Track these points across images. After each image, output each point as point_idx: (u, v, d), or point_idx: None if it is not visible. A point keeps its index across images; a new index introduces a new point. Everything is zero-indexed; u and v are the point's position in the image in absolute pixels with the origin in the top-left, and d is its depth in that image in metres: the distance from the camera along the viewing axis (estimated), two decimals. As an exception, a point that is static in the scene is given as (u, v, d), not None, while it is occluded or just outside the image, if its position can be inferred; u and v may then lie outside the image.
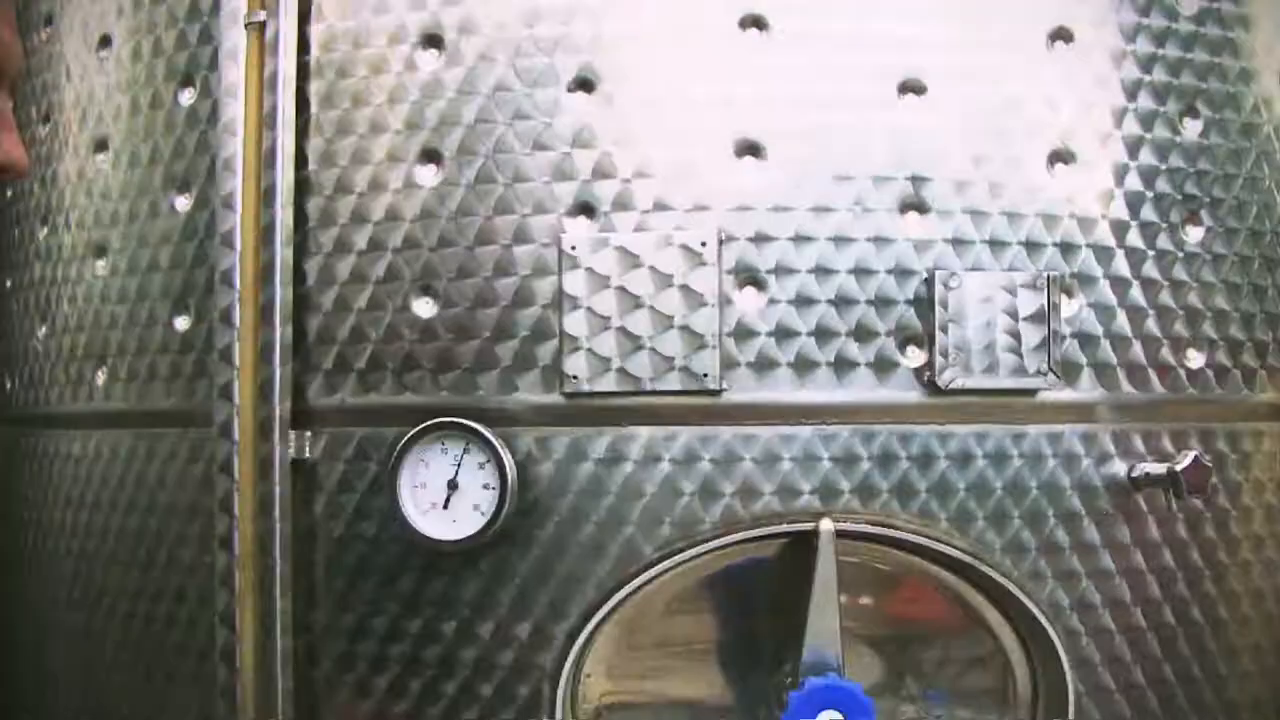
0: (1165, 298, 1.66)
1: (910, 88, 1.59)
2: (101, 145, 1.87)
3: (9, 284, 2.10)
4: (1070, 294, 1.62)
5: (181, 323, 1.76)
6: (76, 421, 1.90)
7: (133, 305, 1.81)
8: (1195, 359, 1.68)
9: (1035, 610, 1.58)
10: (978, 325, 1.57)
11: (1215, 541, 1.68)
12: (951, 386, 1.56)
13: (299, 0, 1.67)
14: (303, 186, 1.67)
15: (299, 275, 1.66)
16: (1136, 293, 1.64)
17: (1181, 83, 1.69)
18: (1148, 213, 1.66)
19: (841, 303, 1.56)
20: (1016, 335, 1.58)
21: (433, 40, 1.63)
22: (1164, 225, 1.66)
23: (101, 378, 1.85)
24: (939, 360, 1.56)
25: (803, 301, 1.56)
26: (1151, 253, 1.65)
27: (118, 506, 1.82)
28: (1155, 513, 1.64)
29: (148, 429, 1.79)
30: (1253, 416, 1.71)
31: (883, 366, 1.57)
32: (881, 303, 1.57)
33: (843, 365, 1.56)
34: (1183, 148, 1.68)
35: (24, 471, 2.03)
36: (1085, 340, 1.61)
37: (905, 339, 1.57)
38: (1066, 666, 1.59)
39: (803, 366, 1.55)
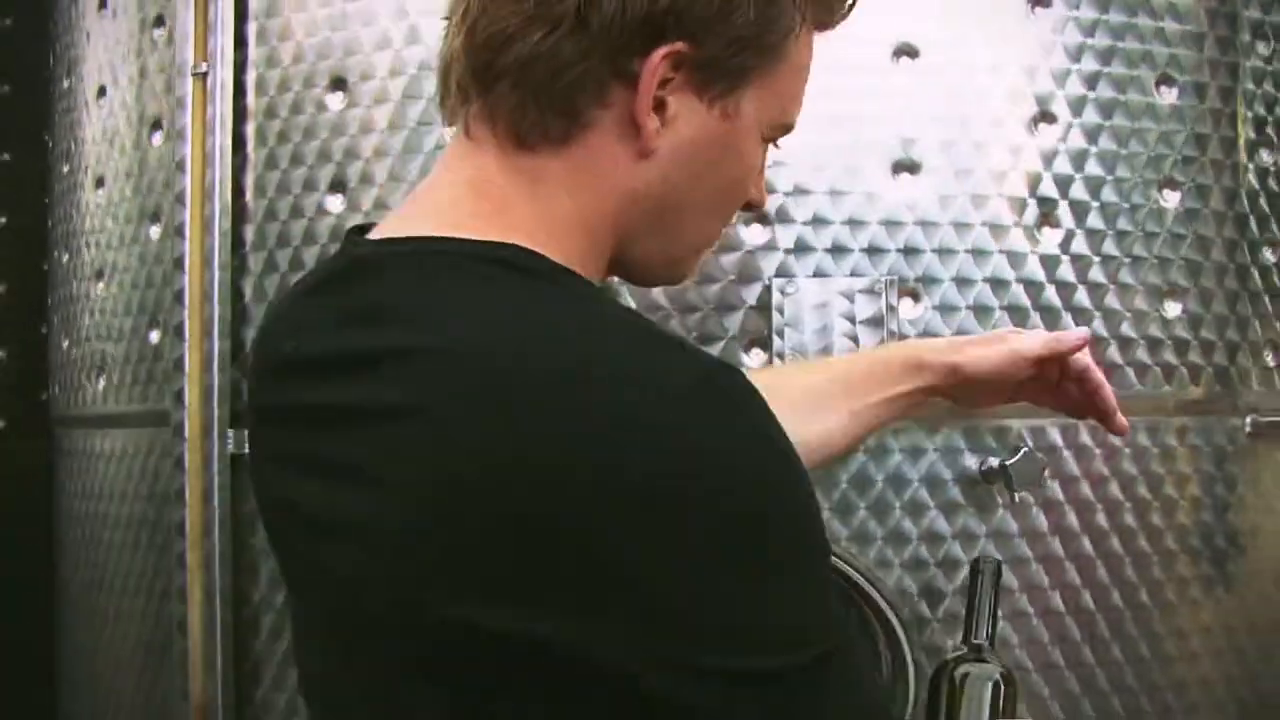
0: (1019, 296, 1.73)
1: (754, 108, 1.70)
2: (100, 181, 2.16)
3: (50, 301, 2.42)
4: (915, 297, 1.70)
5: (154, 336, 2.02)
6: (86, 422, 2.20)
7: (122, 320, 2.09)
8: (1051, 356, 1.74)
9: (878, 596, 1.68)
10: (814, 329, 1.68)
11: (1076, 532, 1.74)
12: (789, 386, 1.67)
13: (234, 52, 1.90)
14: (240, 215, 1.90)
15: (237, 293, 1.89)
16: (985, 293, 1.72)
17: (1038, 89, 1.75)
18: (1001, 215, 1.72)
19: (686, 310, 1.69)
20: (854, 338, 1.68)
21: (338, 84, 1.84)
22: (1014, 225, 1.73)
23: (102, 384, 2.14)
24: (776, 363, 1.67)
25: (649, 308, 1.69)
26: (1002, 253, 1.72)
27: (114, 496, 2.11)
28: (1008, 505, 1.71)
29: (133, 429, 2.06)
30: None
31: (727, 368, 1.69)
32: (725, 308, 1.69)
33: (689, 367, 1.69)
34: (1042, 153, 1.74)
35: (61, 468, 2.34)
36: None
37: (750, 342, 1.69)
38: (907, 651, 1.67)
39: (652, 369, 1.69)
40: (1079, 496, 1.75)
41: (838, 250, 1.70)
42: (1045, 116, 1.75)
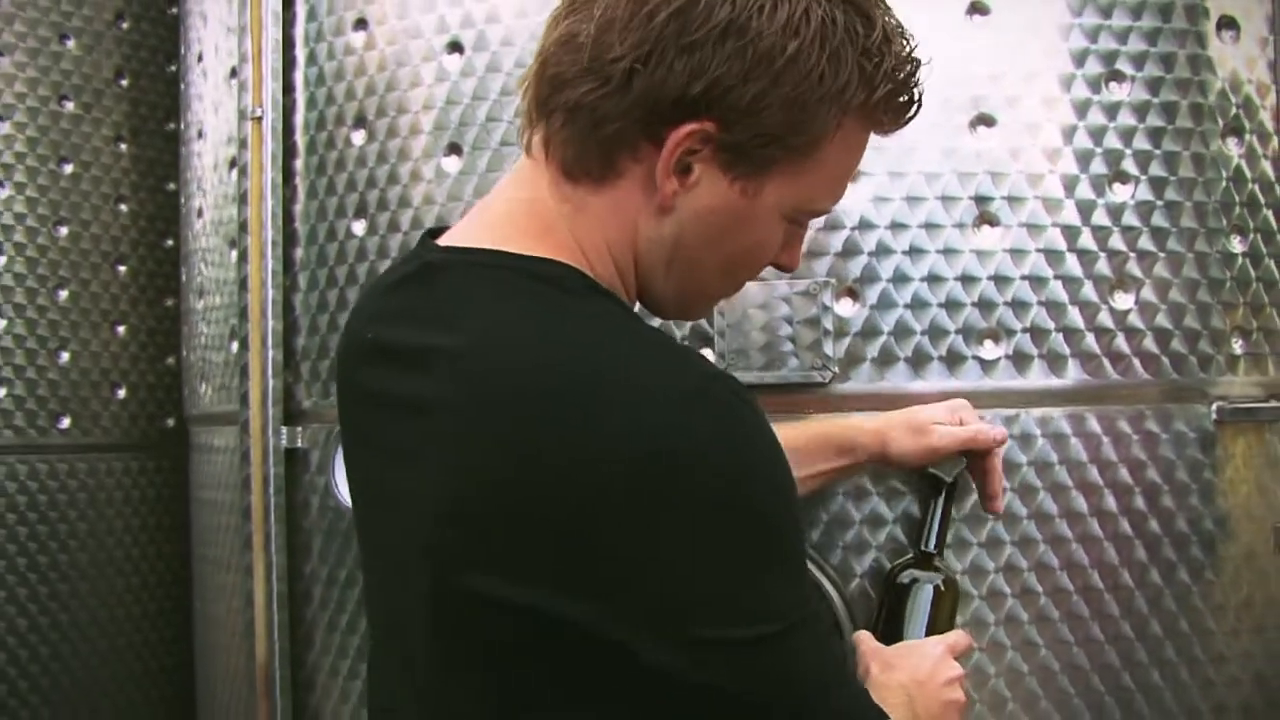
0: (957, 292, 1.80)
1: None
2: (200, 211, 2.49)
3: (180, 313, 2.78)
4: (855, 296, 1.81)
5: (234, 346, 2.33)
6: (198, 420, 2.54)
7: (214, 331, 2.42)
8: (991, 349, 1.80)
9: (820, 576, 1.79)
10: (755, 328, 1.81)
11: (1016, 517, 1.80)
12: (733, 382, 1.81)
13: (284, 98, 2.18)
14: (291, 240, 2.18)
15: (289, 309, 2.17)
16: (923, 289, 1.80)
17: (972, 93, 1.82)
18: (936, 216, 1.80)
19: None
20: (792, 338, 1.80)
21: (361, 122, 2.09)
22: (949, 225, 1.80)
23: (204, 387, 2.47)
24: (720, 361, 1.81)
25: (610, 315, 1.86)
26: (938, 252, 1.80)
27: (216, 485, 2.44)
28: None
29: (224, 426, 2.38)
30: (1045, 402, 1.81)
31: (679, 367, 1.84)
32: (676, 312, 1.84)
33: (645, 367, 1.85)
34: (976, 154, 1.81)
35: (190, 460, 2.70)
36: (868, 335, 1.80)
37: (702, 342, 1.84)
38: (845, 630, 1.78)
39: (612, 369, 1.86)
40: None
41: (779, 255, 1.82)
42: (983, 120, 1.82)
